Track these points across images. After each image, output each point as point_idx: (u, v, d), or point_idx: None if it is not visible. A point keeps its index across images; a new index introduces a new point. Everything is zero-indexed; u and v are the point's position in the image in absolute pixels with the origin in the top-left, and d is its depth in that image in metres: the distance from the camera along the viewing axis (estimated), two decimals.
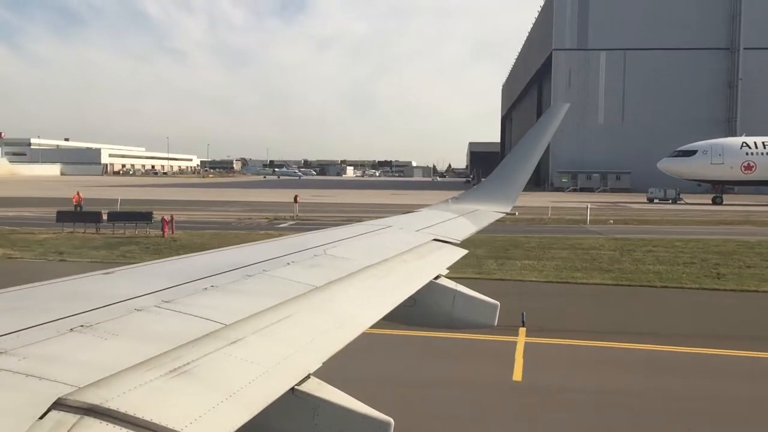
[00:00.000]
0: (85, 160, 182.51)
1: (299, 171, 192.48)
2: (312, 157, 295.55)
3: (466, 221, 6.65)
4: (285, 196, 55.29)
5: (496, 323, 4.46)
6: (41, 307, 2.25)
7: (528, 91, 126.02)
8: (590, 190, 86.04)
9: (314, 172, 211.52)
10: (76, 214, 32.50)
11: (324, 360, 2.32)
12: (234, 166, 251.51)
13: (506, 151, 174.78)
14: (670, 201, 62.17)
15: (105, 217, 29.79)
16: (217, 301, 2.61)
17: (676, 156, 63.79)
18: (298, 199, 41.75)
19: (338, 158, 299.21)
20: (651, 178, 70.43)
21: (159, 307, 2.38)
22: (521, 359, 11.23)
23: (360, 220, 6.83)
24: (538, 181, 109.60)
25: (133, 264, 3.30)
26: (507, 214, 7.65)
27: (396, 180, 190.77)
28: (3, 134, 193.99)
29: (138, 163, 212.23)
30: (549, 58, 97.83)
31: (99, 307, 2.26)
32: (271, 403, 1.90)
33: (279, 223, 35.90)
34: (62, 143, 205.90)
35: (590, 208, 39.50)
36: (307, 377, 2.18)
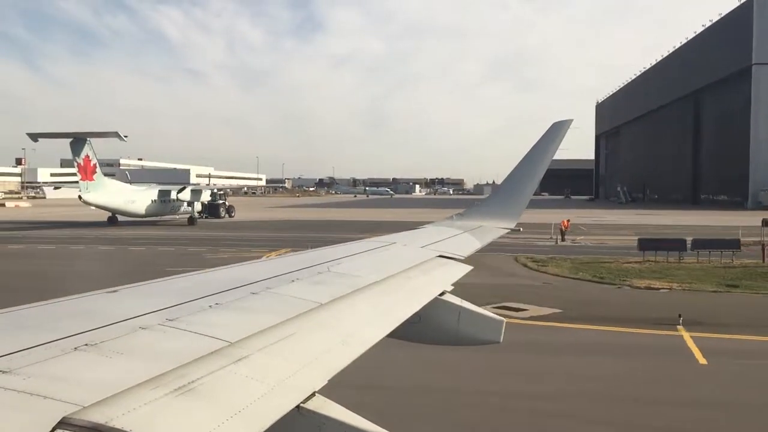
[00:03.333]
0: (175, 180, 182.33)
1: (390, 190, 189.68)
2: (345, 175, 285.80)
3: (470, 237, 6.64)
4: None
5: (501, 340, 4.43)
6: (46, 326, 2.24)
7: (667, 106, 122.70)
8: None
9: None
10: (659, 242, 30.55)
11: (329, 377, 2.31)
12: (286, 184, 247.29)
13: (600, 168, 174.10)
14: None
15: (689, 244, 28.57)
16: (221, 319, 2.60)
17: None
18: None
19: (377, 175, 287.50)
20: None
21: (163, 325, 2.38)
22: None
23: None
24: (696, 199, 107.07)
25: (138, 283, 3.30)
26: (511, 230, 7.64)
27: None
28: None
29: (219, 183, 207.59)
30: (733, 73, 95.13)
31: (104, 326, 2.26)
32: (276, 421, 1.88)
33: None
34: (145, 163, 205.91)
35: None
36: (313, 395, 2.16)
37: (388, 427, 2.31)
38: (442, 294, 4.33)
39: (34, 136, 47.43)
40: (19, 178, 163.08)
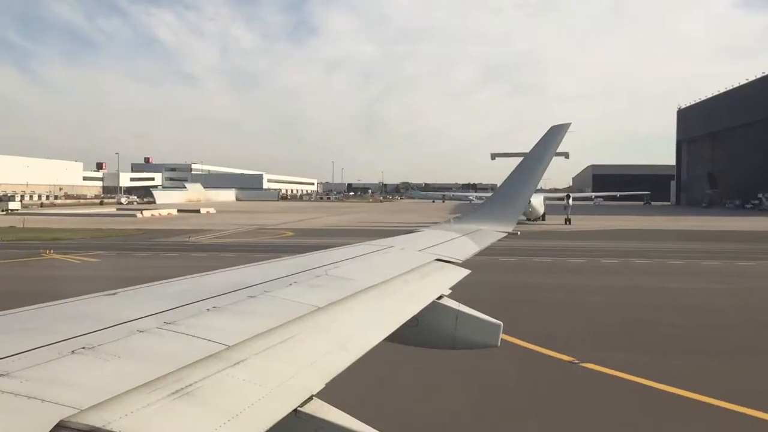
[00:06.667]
0: (249, 185, 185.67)
1: (471, 195, 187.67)
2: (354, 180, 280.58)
3: (468, 241, 6.65)
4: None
5: (499, 343, 4.43)
6: (43, 329, 2.25)
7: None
8: None
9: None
10: None
11: (327, 381, 2.31)
12: (318, 189, 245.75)
13: (682, 175, 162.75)
14: None
15: None
16: (219, 323, 2.60)
17: None
18: None
19: (401, 179, 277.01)
20: None
21: (161, 328, 2.38)
22: None
23: None
24: None
25: (136, 286, 3.30)
26: (509, 234, 7.65)
27: None
28: (151, 159, 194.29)
29: (283, 188, 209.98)
30: None
31: (101, 329, 2.26)
32: (273, 425, 1.88)
33: None
34: (212, 168, 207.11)
35: None
36: (310, 398, 2.16)
37: (386, 430, 2.31)
38: (439, 298, 4.33)
39: (494, 156, 60.79)
40: (100, 183, 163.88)
